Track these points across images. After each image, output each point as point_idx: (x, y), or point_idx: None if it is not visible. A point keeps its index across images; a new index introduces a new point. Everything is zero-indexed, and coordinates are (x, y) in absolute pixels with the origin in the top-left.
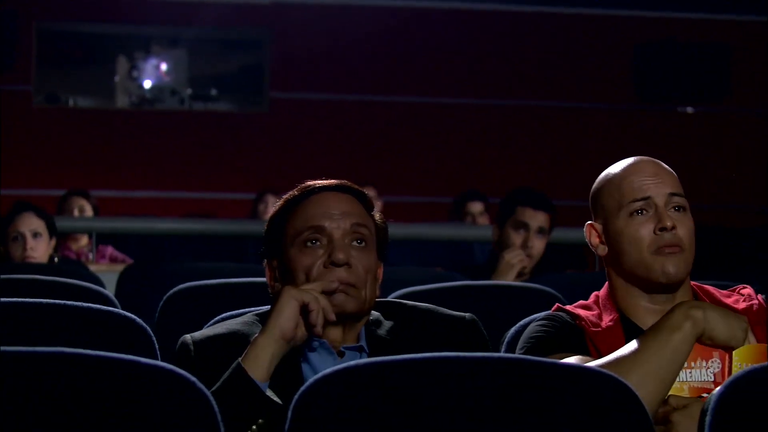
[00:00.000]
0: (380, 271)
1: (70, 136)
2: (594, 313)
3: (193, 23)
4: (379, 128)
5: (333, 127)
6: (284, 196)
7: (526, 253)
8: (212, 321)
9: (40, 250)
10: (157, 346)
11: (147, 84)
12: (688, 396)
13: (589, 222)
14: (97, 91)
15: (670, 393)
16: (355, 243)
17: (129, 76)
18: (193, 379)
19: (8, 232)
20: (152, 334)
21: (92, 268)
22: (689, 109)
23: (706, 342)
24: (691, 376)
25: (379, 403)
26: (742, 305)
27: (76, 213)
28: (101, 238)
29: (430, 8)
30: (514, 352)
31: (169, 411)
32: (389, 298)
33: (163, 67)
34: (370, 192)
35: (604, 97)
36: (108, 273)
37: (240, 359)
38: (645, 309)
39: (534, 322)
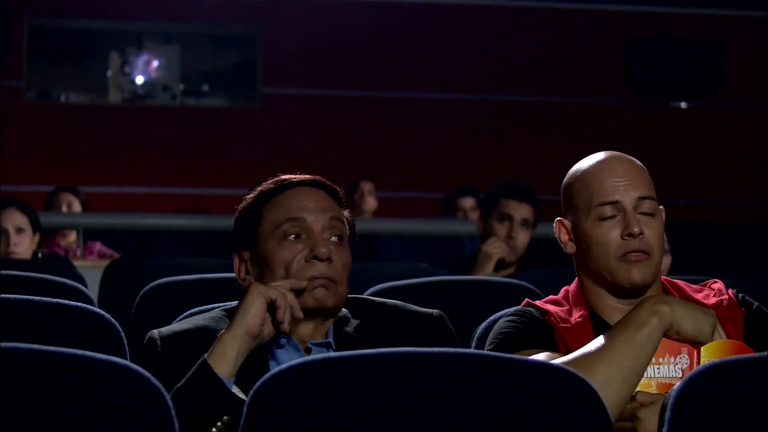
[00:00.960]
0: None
1: (62, 132)
2: (563, 308)
3: (185, 19)
4: (372, 124)
5: (325, 123)
6: (257, 188)
7: (511, 245)
8: (181, 316)
9: (23, 245)
10: (125, 342)
11: (139, 80)
12: (655, 392)
13: (559, 218)
14: (89, 87)
15: (637, 389)
16: (333, 239)
17: (121, 71)
18: (147, 374)
19: None
20: (120, 330)
21: (79, 263)
22: (682, 104)
23: (674, 337)
24: (659, 372)
25: (333, 399)
26: (712, 300)
27: (64, 209)
28: (90, 234)
29: (422, 3)
30: (483, 348)
31: (122, 406)
32: (365, 294)
33: (155, 63)
34: (367, 185)
35: (596, 93)
36: (95, 269)
37: (206, 355)
38: (613, 307)
39: (503, 317)
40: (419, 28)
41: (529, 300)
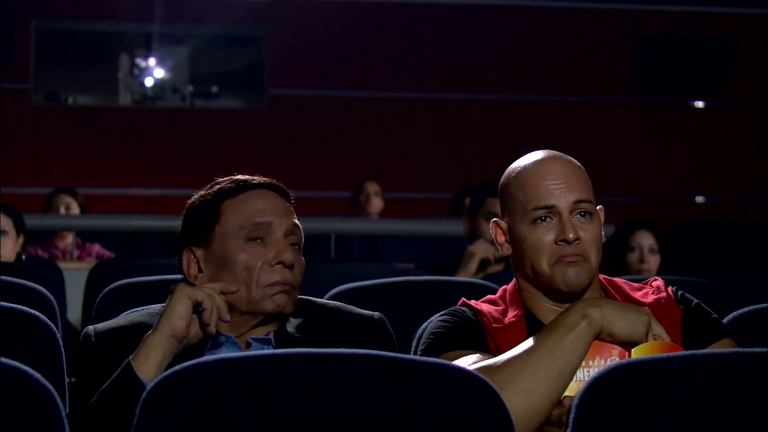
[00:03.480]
0: None
1: (70, 134)
2: (499, 308)
3: (193, 21)
4: (380, 124)
5: (333, 124)
6: (214, 186)
7: None
8: (124, 313)
9: (6, 248)
10: (61, 344)
11: (148, 82)
12: None
13: (495, 219)
14: (98, 88)
15: (566, 393)
16: (293, 245)
17: (130, 73)
18: (37, 375)
19: None
20: (56, 332)
21: (74, 265)
22: (693, 103)
23: (607, 339)
24: (589, 375)
25: (226, 400)
26: (650, 298)
27: (62, 211)
28: (90, 236)
29: (431, 3)
30: None
31: (11, 407)
32: (326, 296)
33: (165, 64)
34: (373, 187)
35: (604, 91)
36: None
37: (130, 357)
38: (549, 308)
39: (436, 317)
40: (426, 28)
41: (465, 299)
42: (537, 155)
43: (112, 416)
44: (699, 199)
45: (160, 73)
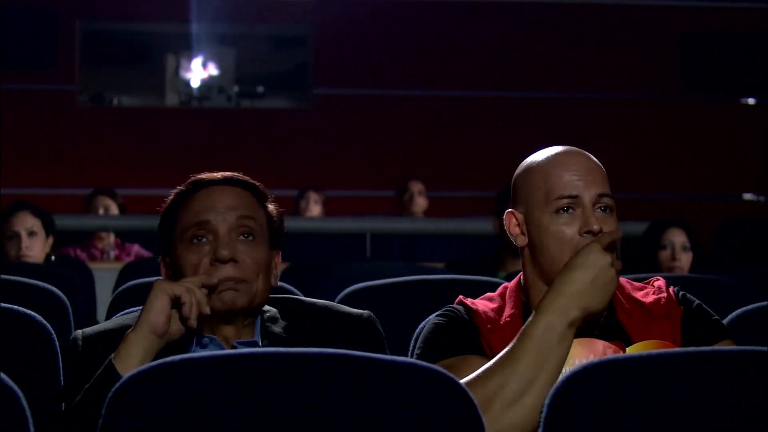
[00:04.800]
0: (277, 262)
1: (115, 136)
2: (494, 306)
3: (239, 20)
4: (424, 123)
5: (378, 123)
6: (174, 191)
7: None
8: (115, 316)
9: (35, 249)
10: (57, 344)
11: (195, 82)
12: None
13: (510, 210)
14: (144, 89)
15: None
16: (242, 237)
17: (176, 74)
18: (1, 375)
19: (4, 231)
20: (52, 332)
21: (111, 266)
22: (741, 100)
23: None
24: None
25: (192, 400)
26: (651, 298)
27: (101, 212)
28: (129, 237)
29: (473, 2)
30: None
31: None
32: (339, 296)
33: (211, 64)
34: (417, 186)
35: (649, 89)
36: None
37: (112, 356)
38: None
39: (431, 318)
40: (472, 26)
41: (462, 297)
42: (558, 148)
43: (94, 414)
44: (746, 196)
45: (206, 73)
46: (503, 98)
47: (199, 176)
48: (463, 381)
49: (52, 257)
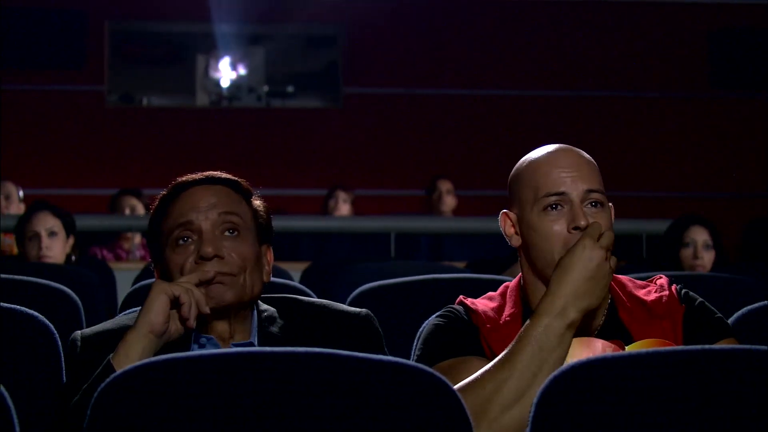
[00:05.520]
0: (269, 258)
1: (145, 136)
2: (494, 306)
3: (269, 21)
4: (453, 122)
5: (407, 121)
6: (157, 196)
7: None
8: (117, 317)
9: (55, 249)
10: (59, 344)
11: (225, 82)
12: None
13: (504, 210)
14: (174, 89)
15: None
16: (227, 233)
17: (206, 74)
18: None
19: (24, 231)
20: (54, 332)
21: (136, 266)
22: None
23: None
24: None
25: (177, 399)
26: (653, 296)
27: (127, 212)
28: None
29: None
30: None
31: None
32: (351, 295)
33: (241, 64)
34: (446, 185)
35: (678, 86)
36: None
37: (111, 356)
38: None
39: (431, 319)
40: (501, 24)
41: (463, 297)
42: (549, 147)
43: None
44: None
45: (236, 73)
46: (532, 97)
47: (180, 179)
48: (462, 383)
49: (73, 257)
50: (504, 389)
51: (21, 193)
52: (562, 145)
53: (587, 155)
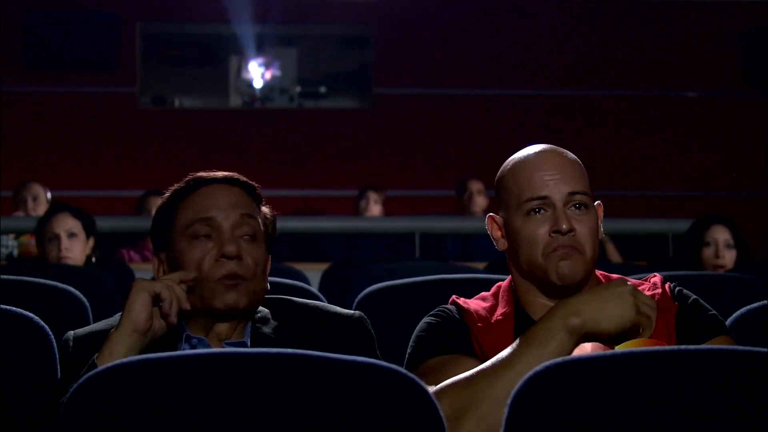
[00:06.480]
0: (269, 265)
1: (177, 137)
2: (487, 305)
3: (301, 22)
4: (484, 122)
5: (438, 122)
6: (172, 188)
7: None
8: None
9: (75, 250)
10: (54, 345)
11: (257, 83)
12: None
13: (491, 214)
14: (207, 91)
15: None
16: (245, 236)
17: (239, 75)
18: None
19: (44, 232)
20: (50, 333)
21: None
22: None
23: (600, 335)
24: None
25: (149, 400)
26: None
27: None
28: None
29: None
30: None
31: None
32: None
33: (273, 66)
34: (476, 185)
35: (711, 85)
36: None
37: (95, 355)
38: (542, 305)
39: (425, 318)
40: (533, 24)
41: (455, 297)
42: (532, 148)
43: None
44: None
45: (268, 74)
46: (563, 96)
47: (198, 174)
48: (455, 377)
49: (93, 259)
50: (498, 385)
51: (49, 195)
52: (546, 145)
53: (572, 155)
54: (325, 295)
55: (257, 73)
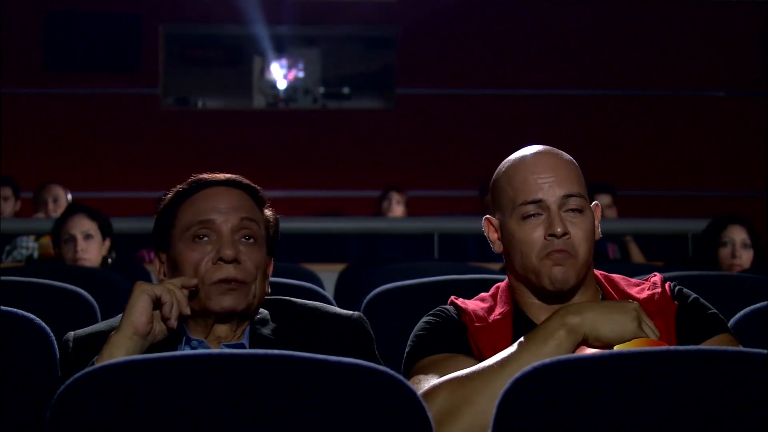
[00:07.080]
0: (270, 267)
1: (200, 138)
2: (485, 305)
3: (325, 22)
4: (507, 122)
5: (461, 122)
6: (173, 189)
7: None
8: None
9: (91, 252)
10: (55, 346)
11: (281, 84)
12: None
13: (487, 216)
14: (231, 92)
15: None
16: (244, 239)
17: (262, 76)
18: None
19: (60, 234)
20: (51, 334)
21: None
22: None
23: (596, 344)
24: None
25: (133, 402)
26: (645, 294)
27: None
28: None
29: None
30: None
31: None
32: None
33: (297, 66)
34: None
35: (735, 85)
36: None
37: (95, 358)
38: (539, 306)
39: (423, 317)
40: (555, 24)
41: (454, 297)
42: (527, 150)
43: None
44: None
45: (292, 75)
46: (586, 96)
47: (200, 176)
48: (453, 374)
49: (109, 260)
50: (495, 383)
51: (69, 196)
52: (541, 147)
53: (567, 156)
54: (340, 296)
55: (280, 74)
